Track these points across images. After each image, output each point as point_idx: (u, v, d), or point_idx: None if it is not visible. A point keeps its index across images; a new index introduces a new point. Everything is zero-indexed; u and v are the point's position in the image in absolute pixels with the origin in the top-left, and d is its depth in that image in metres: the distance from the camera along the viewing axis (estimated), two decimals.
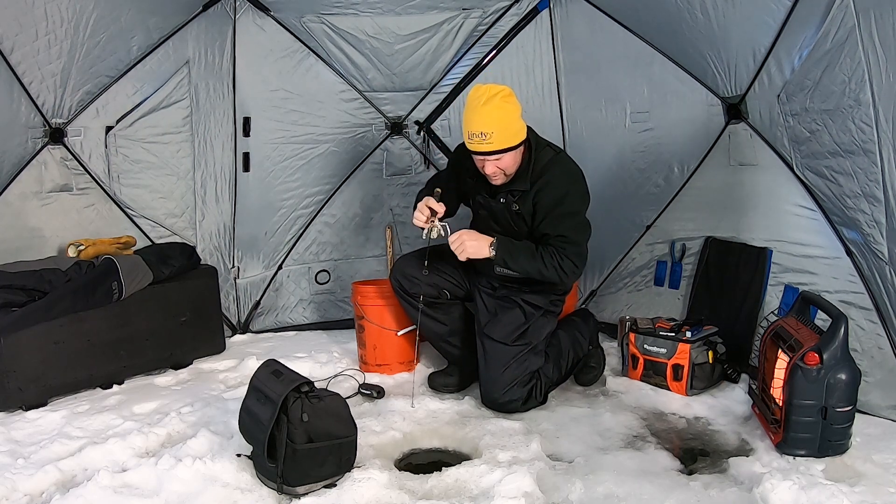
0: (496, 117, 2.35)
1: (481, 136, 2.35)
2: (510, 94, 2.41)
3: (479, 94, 2.38)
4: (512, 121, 2.41)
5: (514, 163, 2.49)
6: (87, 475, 2.04)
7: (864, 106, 2.14)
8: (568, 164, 2.59)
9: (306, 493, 1.95)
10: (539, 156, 2.54)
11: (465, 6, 3.50)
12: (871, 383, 2.34)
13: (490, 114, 2.34)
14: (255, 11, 3.48)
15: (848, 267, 2.50)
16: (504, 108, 2.37)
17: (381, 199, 3.94)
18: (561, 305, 2.81)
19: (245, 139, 3.64)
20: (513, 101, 2.42)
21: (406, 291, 2.82)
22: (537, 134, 2.61)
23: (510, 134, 2.39)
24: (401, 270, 2.83)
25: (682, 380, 2.70)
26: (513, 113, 2.41)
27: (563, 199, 2.50)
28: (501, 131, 2.36)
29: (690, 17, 2.79)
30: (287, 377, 2.04)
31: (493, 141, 2.35)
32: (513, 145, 2.41)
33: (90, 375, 2.86)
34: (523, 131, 2.47)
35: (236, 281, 3.76)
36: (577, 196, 2.55)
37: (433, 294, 2.82)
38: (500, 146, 2.38)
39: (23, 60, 2.82)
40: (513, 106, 2.42)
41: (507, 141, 2.39)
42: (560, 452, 2.27)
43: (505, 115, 2.38)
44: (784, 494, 1.82)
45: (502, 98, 2.37)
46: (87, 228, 3.27)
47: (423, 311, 2.78)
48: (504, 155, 2.42)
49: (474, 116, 2.36)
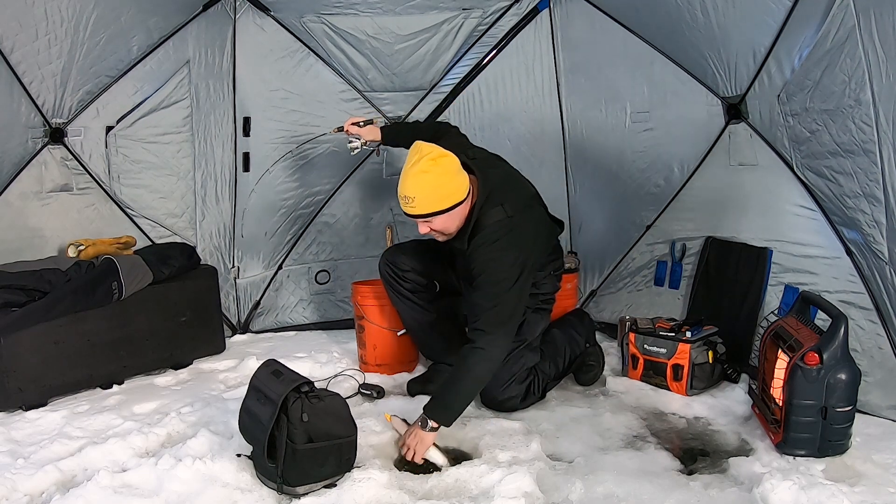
0: (419, 182, 2.27)
1: (405, 200, 2.30)
2: (441, 156, 2.29)
3: (410, 155, 2.33)
4: (438, 185, 2.28)
5: (452, 223, 2.38)
6: (87, 475, 2.04)
7: (864, 106, 2.14)
8: (507, 232, 2.37)
9: (306, 493, 1.95)
10: (486, 215, 2.39)
11: (465, 6, 3.50)
12: (871, 383, 2.34)
13: (414, 178, 2.27)
14: (255, 11, 3.48)
15: (848, 267, 2.50)
16: (430, 171, 2.27)
17: (381, 199, 3.94)
18: (551, 303, 2.79)
19: (245, 139, 3.64)
20: (443, 163, 2.29)
21: (395, 277, 2.81)
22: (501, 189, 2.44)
23: (435, 198, 2.29)
24: (390, 257, 2.84)
25: (682, 380, 2.70)
26: (440, 177, 2.28)
27: (482, 271, 2.35)
28: (424, 196, 2.27)
29: (690, 17, 2.79)
30: (287, 377, 2.04)
31: (415, 205, 2.29)
32: (439, 209, 2.30)
33: (90, 375, 2.86)
34: (457, 193, 2.32)
35: (236, 281, 3.76)
36: (499, 270, 2.33)
37: (423, 283, 2.82)
38: (424, 210, 2.30)
39: (23, 60, 2.81)
40: (440, 168, 2.28)
41: (431, 206, 2.29)
42: (560, 452, 2.27)
43: (430, 180, 2.27)
44: (784, 494, 1.82)
45: (430, 160, 2.27)
46: (87, 228, 3.28)
47: (409, 299, 2.79)
48: (434, 218, 2.33)
49: (402, 179, 2.30)
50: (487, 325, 2.32)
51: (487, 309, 2.33)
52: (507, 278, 2.33)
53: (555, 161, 3.75)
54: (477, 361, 2.32)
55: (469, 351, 2.33)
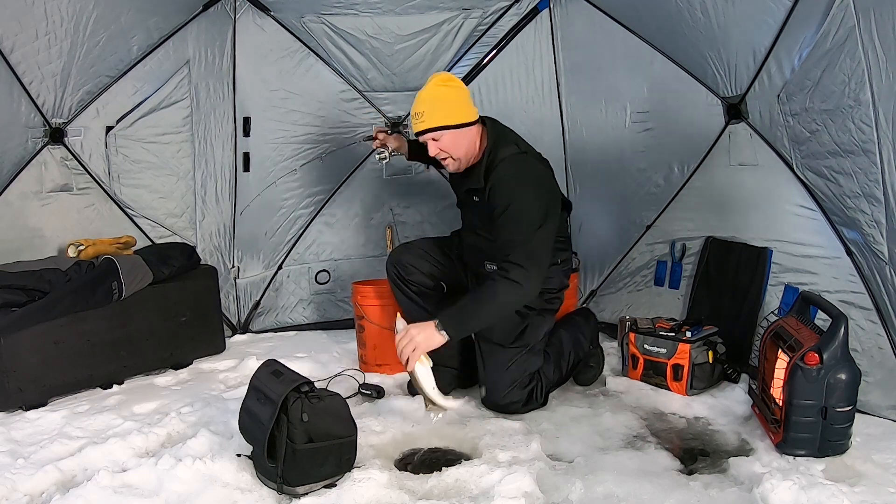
0: (428, 97, 2.40)
1: (415, 118, 2.41)
2: (451, 79, 2.46)
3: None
4: (446, 101, 2.40)
5: (460, 146, 2.43)
6: (87, 475, 2.04)
7: (864, 106, 2.14)
8: (525, 164, 2.44)
9: (306, 493, 1.95)
10: (498, 152, 2.44)
11: (465, 6, 3.50)
12: (871, 383, 2.34)
13: (425, 93, 2.41)
14: (255, 11, 3.48)
15: (848, 267, 2.50)
16: (438, 89, 2.41)
17: (381, 199, 3.95)
18: (558, 303, 2.78)
19: (245, 139, 3.64)
20: (452, 85, 2.44)
21: (402, 279, 2.78)
22: (511, 134, 2.56)
23: (443, 113, 2.38)
24: (397, 258, 2.81)
25: (682, 380, 2.70)
26: (448, 94, 2.41)
27: (509, 202, 2.34)
28: (433, 110, 2.38)
29: (690, 17, 2.79)
30: (287, 377, 2.04)
31: (424, 119, 2.39)
32: (445, 124, 2.38)
33: (90, 375, 2.86)
34: (465, 114, 2.42)
35: (236, 281, 3.76)
36: (525, 198, 2.35)
37: (430, 284, 2.80)
38: (432, 124, 2.38)
39: (23, 60, 2.82)
40: (449, 89, 2.42)
41: (438, 120, 2.38)
42: (560, 452, 2.26)
43: (438, 96, 2.40)
44: (784, 494, 1.82)
45: (440, 80, 2.43)
46: (87, 228, 3.28)
47: (416, 302, 2.77)
48: (441, 134, 2.39)
49: (415, 100, 2.42)
50: (521, 260, 2.25)
51: (519, 243, 2.29)
52: (534, 213, 2.33)
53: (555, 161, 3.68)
54: (507, 291, 2.26)
55: (501, 279, 2.26)
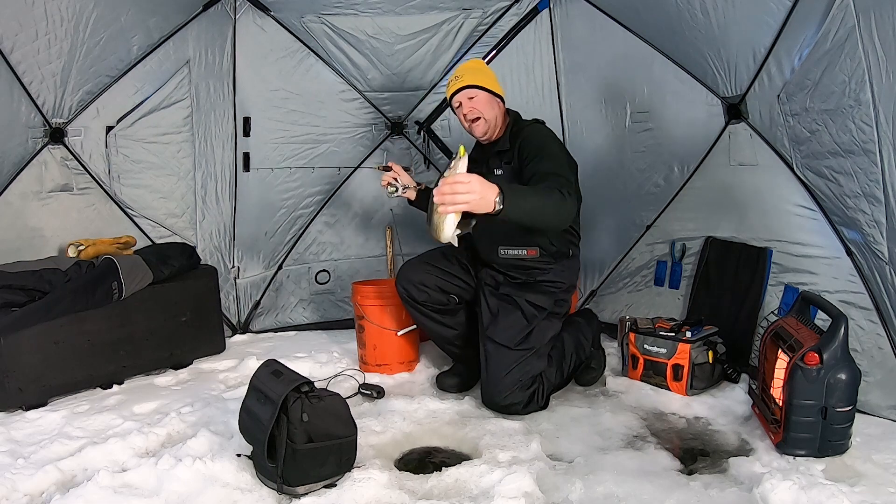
0: (468, 66, 2.79)
1: (454, 79, 2.72)
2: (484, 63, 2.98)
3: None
4: (484, 71, 2.77)
5: (491, 109, 2.69)
6: (87, 475, 2.04)
7: (864, 106, 2.14)
8: (548, 129, 2.76)
9: (306, 493, 1.95)
10: (519, 123, 2.77)
11: (465, 6, 3.50)
12: (871, 383, 2.34)
13: (462, 66, 2.81)
14: (255, 11, 3.48)
15: (848, 267, 2.50)
16: (477, 62, 2.92)
17: (381, 199, 3.94)
18: (566, 306, 2.79)
19: (245, 139, 3.64)
20: (486, 66, 2.90)
21: (414, 299, 2.80)
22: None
23: (480, 76, 2.70)
24: (406, 277, 2.80)
25: (682, 380, 2.70)
26: (485, 68, 2.83)
27: (542, 146, 2.58)
28: (472, 73, 2.70)
29: (690, 17, 2.79)
30: (287, 377, 2.04)
31: (464, 79, 2.67)
32: (483, 84, 2.67)
33: (90, 375, 2.86)
34: (498, 88, 2.75)
35: (236, 281, 3.76)
36: (555, 145, 2.65)
37: (442, 301, 2.82)
38: (470, 81, 2.66)
39: (23, 60, 2.82)
40: (486, 66, 2.89)
41: (477, 79, 2.68)
42: (560, 452, 2.27)
43: (477, 66, 2.81)
44: (784, 494, 1.82)
45: (476, 61, 2.97)
46: (87, 228, 3.28)
47: (432, 318, 2.83)
48: (477, 93, 2.67)
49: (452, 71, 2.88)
50: (562, 185, 2.28)
51: (556, 173, 2.38)
52: (564, 162, 2.54)
53: None
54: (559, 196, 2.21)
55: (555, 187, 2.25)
